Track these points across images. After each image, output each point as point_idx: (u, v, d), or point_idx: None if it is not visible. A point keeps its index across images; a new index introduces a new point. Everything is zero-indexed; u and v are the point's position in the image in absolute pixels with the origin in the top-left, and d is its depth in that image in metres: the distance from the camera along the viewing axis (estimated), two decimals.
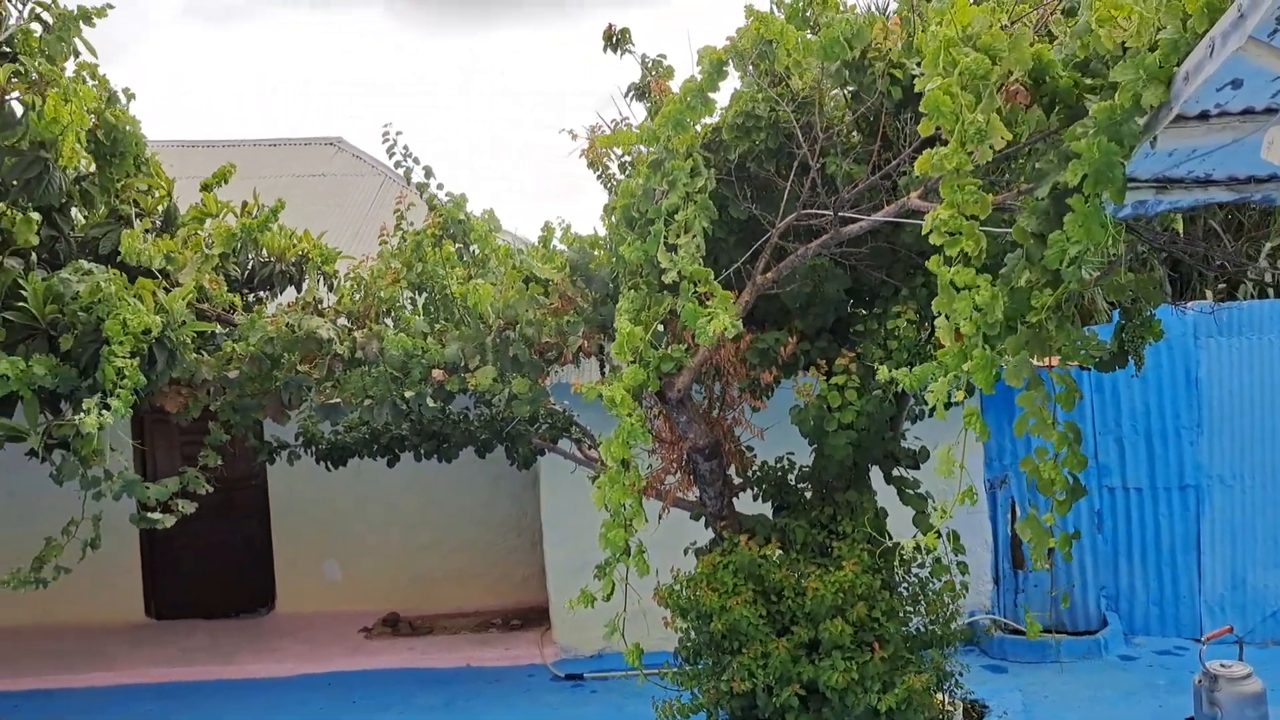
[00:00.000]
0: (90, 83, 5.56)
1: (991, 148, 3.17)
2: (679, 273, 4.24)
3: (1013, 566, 8.06)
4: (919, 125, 3.30)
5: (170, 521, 5.90)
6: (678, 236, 4.34)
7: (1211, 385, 7.78)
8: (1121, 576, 8.00)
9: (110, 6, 5.25)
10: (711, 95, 4.59)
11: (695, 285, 4.16)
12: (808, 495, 5.24)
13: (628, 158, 5.93)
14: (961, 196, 3.11)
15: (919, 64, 4.51)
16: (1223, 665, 5.26)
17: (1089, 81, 3.44)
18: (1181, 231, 4.80)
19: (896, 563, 4.75)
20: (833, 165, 4.69)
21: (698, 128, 4.74)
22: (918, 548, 3.67)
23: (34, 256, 5.66)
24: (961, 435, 3.42)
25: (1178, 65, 2.56)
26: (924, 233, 3.21)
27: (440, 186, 6.42)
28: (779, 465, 5.37)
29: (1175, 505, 7.88)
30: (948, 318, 3.22)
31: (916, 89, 3.42)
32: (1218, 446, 7.83)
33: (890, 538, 4.96)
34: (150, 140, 6.50)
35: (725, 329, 4.01)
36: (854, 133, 5.04)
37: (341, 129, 41.15)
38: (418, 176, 6.48)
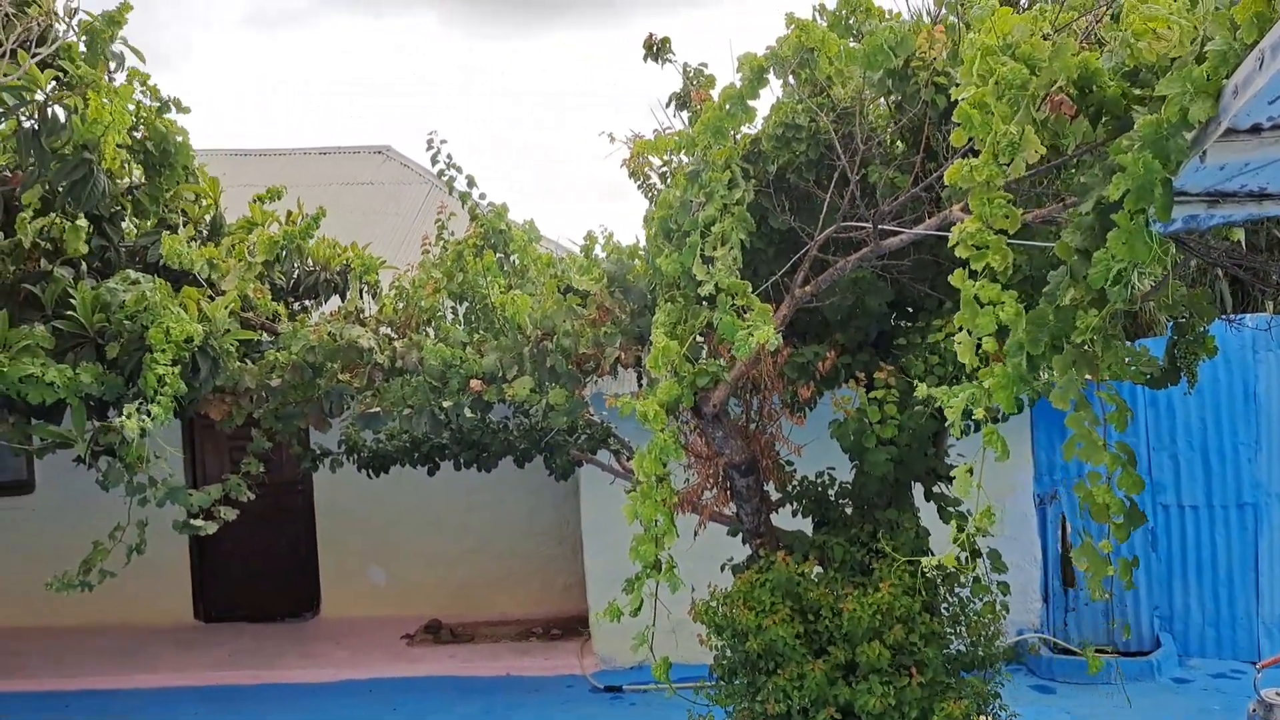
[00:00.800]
0: (140, 93, 5.65)
1: (1026, 161, 3.08)
2: (715, 285, 4.19)
3: (1063, 584, 7.87)
4: (952, 136, 3.21)
5: (213, 528, 5.96)
6: (714, 249, 4.29)
7: (1270, 400, 7.54)
8: (1176, 596, 7.78)
9: (129, 7, 5.31)
10: (752, 103, 4.54)
11: (733, 298, 4.10)
12: (848, 511, 5.14)
13: (668, 168, 5.90)
14: (990, 210, 3.02)
15: None
16: (1278, 693, 5.07)
17: (1137, 92, 3.32)
18: (1243, 244, 4.65)
19: (939, 581, 4.64)
20: (874, 175, 4.61)
21: (737, 138, 4.69)
22: (939, 566, 3.57)
23: (84, 266, 5.77)
24: (981, 454, 3.33)
25: (1227, 78, 2.45)
26: (950, 245, 3.12)
27: (483, 196, 6.43)
28: (819, 480, 5.28)
29: (1232, 524, 7.65)
30: (970, 334, 3.14)
31: (953, 98, 3.34)
32: (1277, 463, 7.58)
33: (933, 556, 4.85)
34: (203, 149, 6.59)
35: (767, 341, 3.95)
36: (898, 142, 4.95)
37: (393, 135, 41.68)
38: (461, 185, 6.49)
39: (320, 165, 12.87)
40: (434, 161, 6.54)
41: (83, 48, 5.29)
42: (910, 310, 5.38)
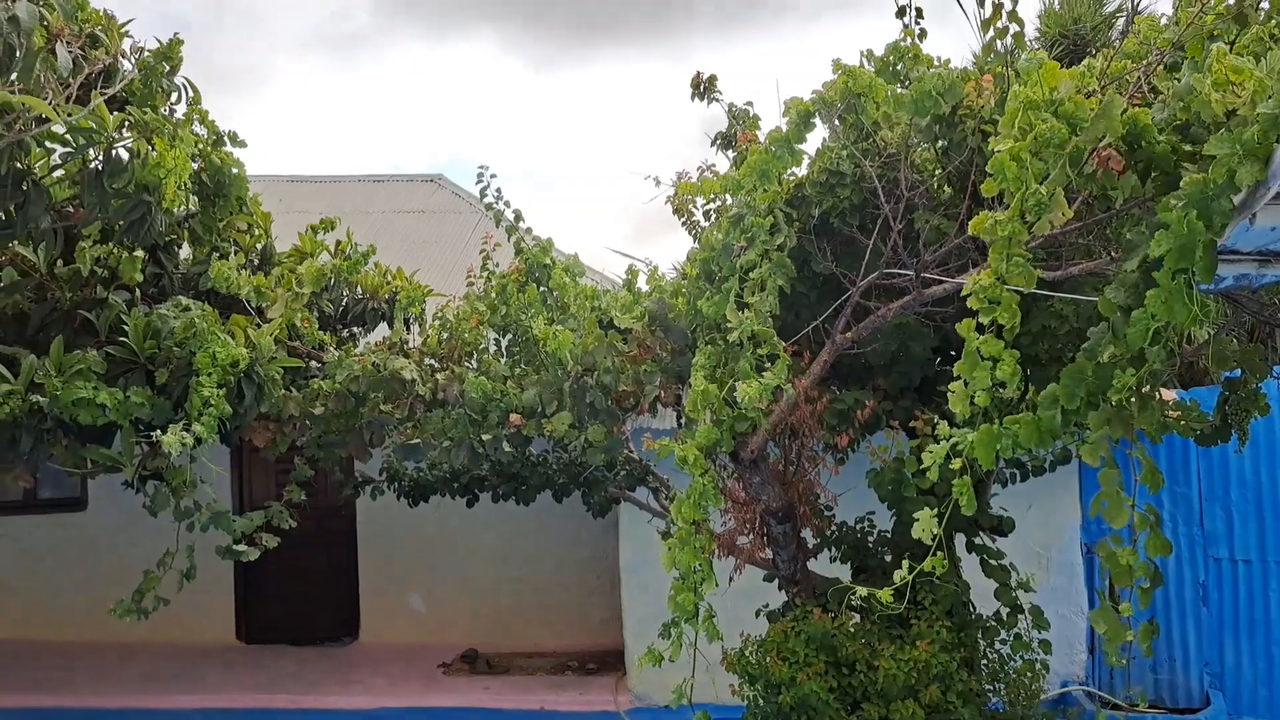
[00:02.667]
0: (198, 126, 5.78)
1: (1052, 223, 3.04)
2: (746, 332, 4.17)
3: None
4: (983, 186, 3.18)
5: (255, 555, 6.02)
6: (753, 294, 4.27)
7: None
8: (1227, 653, 7.54)
9: (181, 42, 5.42)
10: (798, 146, 4.53)
11: (757, 346, 4.08)
12: (887, 559, 5.06)
13: (713, 205, 5.91)
14: (1008, 266, 2.98)
15: None
16: None
17: (1188, 147, 3.27)
18: None
19: (980, 636, 4.55)
20: (919, 222, 4.57)
21: (781, 181, 4.68)
22: (979, 619, 3.53)
23: (139, 292, 5.90)
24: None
25: (1278, 141, 2.40)
26: (962, 294, 3.09)
27: (529, 230, 6.47)
28: (859, 526, 5.22)
29: None
30: (966, 384, 3.11)
31: (991, 148, 3.31)
32: None
33: (973, 611, 4.76)
34: (260, 175, 6.72)
35: (759, 394, 3.92)
36: (944, 187, 4.91)
37: (446, 158, 42.27)
38: (508, 218, 6.53)
39: (374, 193, 13.08)
40: (483, 195, 6.59)
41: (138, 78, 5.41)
42: (955, 356, 5.31)
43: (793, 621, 4.47)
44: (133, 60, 5.32)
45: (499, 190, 6.53)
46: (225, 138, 5.93)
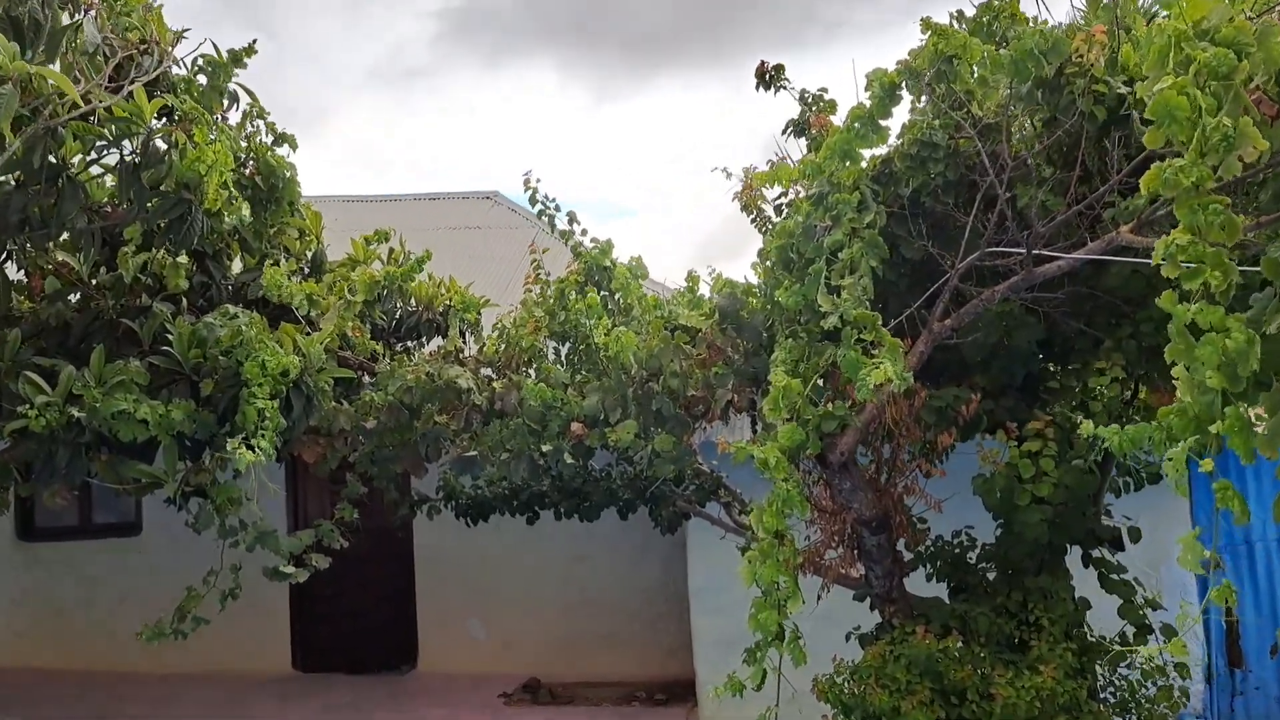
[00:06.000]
0: (253, 127, 5.53)
1: (1242, 161, 2.57)
2: (841, 317, 3.74)
3: (1228, 664, 7.01)
4: (1145, 137, 2.71)
5: (303, 576, 5.70)
6: (841, 277, 3.85)
7: None
8: None
9: (254, 50, 5.15)
10: (883, 122, 4.12)
11: (860, 331, 3.64)
12: (990, 577, 4.56)
13: (785, 199, 5.50)
14: (1204, 218, 2.50)
15: (1125, 81, 3.92)
16: None
17: None
18: None
19: (1103, 662, 4.03)
20: (1025, 196, 4.10)
21: (865, 159, 4.26)
22: (1125, 645, 3.01)
23: (185, 302, 5.65)
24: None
25: None
26: (1154, 263, 2.61)
27: (584, 233, 6.13)
28: (956, 542, 4.72)
29: None
30: (1188, 369, 2.59)
31: (1132, 102, 2.86)
32: None
33: (1091, 632, 4.25)
34: (316, 195, 6.49)
35: (890, 380, 3.48)
36: (1044, 166, 4.44)
37: (502, 182, 42.55)
38: (561, 223, 6.20)
39: (430, 210, 12.91)
40: (533, 202, 6.26)
41: (202, 80, 5.16)
42: (1060, 351, 4.81)
43: (890, 644, 3.99)
44: (185, 65, 5.04)
45: (547, 195, 6.20)
46: (283, 138, 5.66)
